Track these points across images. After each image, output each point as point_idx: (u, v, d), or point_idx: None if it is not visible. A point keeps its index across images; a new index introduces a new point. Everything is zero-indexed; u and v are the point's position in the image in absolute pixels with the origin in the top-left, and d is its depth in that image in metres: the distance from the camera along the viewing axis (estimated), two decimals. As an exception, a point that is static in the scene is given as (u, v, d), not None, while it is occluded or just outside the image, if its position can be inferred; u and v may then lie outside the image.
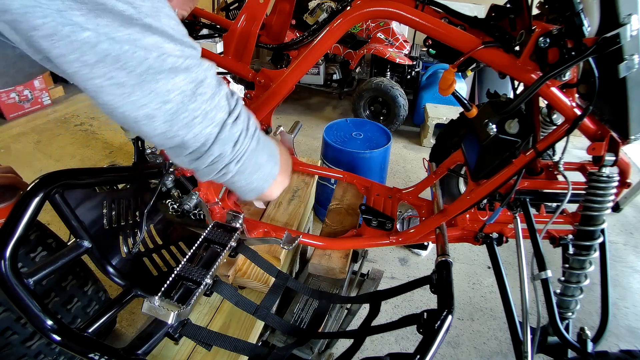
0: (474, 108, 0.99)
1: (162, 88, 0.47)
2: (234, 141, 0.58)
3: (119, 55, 0.43)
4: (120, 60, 0.43)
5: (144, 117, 0.48)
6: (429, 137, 3.44)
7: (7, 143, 3.19)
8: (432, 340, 0.77)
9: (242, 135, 0.59)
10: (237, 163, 0.60)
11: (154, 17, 0.45)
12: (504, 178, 0.94)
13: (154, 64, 0.46)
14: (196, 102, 0.51)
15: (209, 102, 0.53)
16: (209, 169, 0.59)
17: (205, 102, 0.52)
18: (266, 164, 0.68)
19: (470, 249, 2.31)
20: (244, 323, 1.15)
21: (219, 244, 0.98)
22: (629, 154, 3.01)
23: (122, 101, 0.46)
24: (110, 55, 0.43)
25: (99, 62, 0.43)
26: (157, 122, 0.49)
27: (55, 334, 0.77)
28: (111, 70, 0.44)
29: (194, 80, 0.50)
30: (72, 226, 1.00)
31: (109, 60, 0.43)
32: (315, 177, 1.68)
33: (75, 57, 0.42)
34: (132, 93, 0.46)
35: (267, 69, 1.24)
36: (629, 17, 0.70)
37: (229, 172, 0.60)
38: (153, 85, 0.46)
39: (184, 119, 0.51)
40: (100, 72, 0.43)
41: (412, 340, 1.75)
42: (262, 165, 0.67)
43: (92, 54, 0.42)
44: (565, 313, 1.04)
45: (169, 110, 0.49)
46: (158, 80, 0.47)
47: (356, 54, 3.68)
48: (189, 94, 0.50)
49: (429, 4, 0.98)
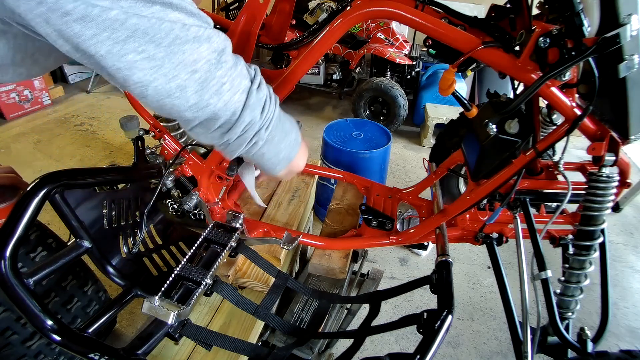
0: (474, 108, 0.99)
1: (189, 58, 0.49)
2: (262, 107, 0.59)
3: (147, 28, 0.45)
4: (149, 33, 0.46)
5: (176, 89, 0.50)
6: (429, 137, 3.44)
7: (7, 143, 3.19)
8: (432, 340, 0.77)
9: (267, 100, 0.60)
10: (267, 129, 0.61)
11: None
12: (504, 178, 0.94)
13: (180, 34, 0.48)
14: (222, 69, 0.53)
15: (234, 69, 0.55)
16: (241, 139, 0.60)
17: (230, 69, 0.54)
18: (291, 131, 0.69)
19: (470, 249, 2.31)
20: (244, 323, 1.15)
21: (219, 244, 0.98)
22: (629, 154, 3.01)
23: (154, 74, 0.48)
24: (139, 30, 0.45)
25: (129, 37, 0.45)
26: (189, 92, 0.51)
27: (55, 334, 0.77)
28: (141, 44, 0.46)
29: (217, 50, 0.52)
30: (72, 226, 1.00)
31: (139, 34, 0.45)
32: (315, 177, 1.68)
33: (107, 35, 0.44)
34: (162, 65, 0.48)
35: (267, 69, 1.24)
36: (629, 17, 0.70)
37: (260, 140, 0.61)
38: (180, 56, 0.49)
39: (213, 87, 0.53)
40: (132, 47, 0.46)
41: (412, 340, 1.74)
42: (289, 132, 0.68)
43: (122, 29, 0.44)
44: (565, 313, 1.04)
45: (198, 79, 0.51)
46: (184, 51, 0.49)
47: (356, 54, 3.68)
48: (214, 62, 0.52)
49: (429, 4, 0.98)
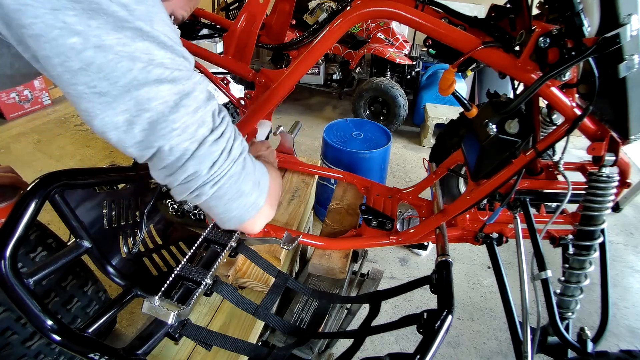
0: (474, 108, 0.99)
1: (144, 95, 0.46)
2: (212, 161, 0.54)
3: (102, 64, 0.42)
4: (104, 69, 0.42)
5: (124, 123, 0.47)
6: (429, 137, 3.44)
7: (7, 143, 3.19)
8: (432, 340, 0.77)
9: (222, 155, 0.55)
10: (214, 186, 0.56)
11: (147, 21, 0.44)
12: (504, 178, 0.94)
13: (139, 75, 0.44)
14: (178, 113, 0.49)
15: (192, 115, 0.50)
16: (182, 187, 0.55)
17: (187, 115, 0.49)
18: (251, 193, 0.62)
19: (470, 249, 2.31)
20: (244, 323, 1.15)
21: (219, 244, 0.98)
22: (629, 154, 3.01)
23: (102, 108, 0.45)
24: (94, 64, 0.42)
25: (82, 69, 0.42)
26: (137, 129, 0.47)
27: (55, 334, 0.77)
28: (94, 79, 0.43)
29: (180, 92, 0.49)
30: (72, 226, 0.99)
31: (93, 69, 0.42)
32: (315, 177, 1.68)
33: (60, 61, 0.41)
34: (112, 102, 0.45)
35: (267, 69, 1.24)
36: (629, 17, 0.70)
37: (204, 194, 0.56)
38: (135, 94, 0.45)
39: (163, 129, 0.48)
40: (83, 80, 0.43)
41: (412, 340, 1.74)
42: (246, 194, 0.61)
43: (76, 60, 0.41)
44: (565, 313, 1.04)
45: (148, 119, 0.47)
46: (140, 92, 0.45)
47: (356, 54, 3.68)
48: (172, 105, 0.48)
49: (429, 4, 0.98)
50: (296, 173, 1.66)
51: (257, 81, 1.25)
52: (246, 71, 1.29)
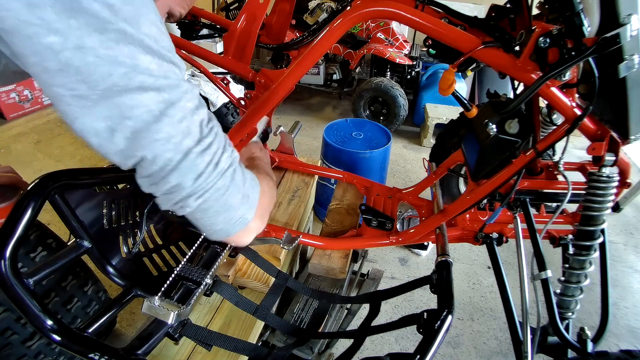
0: (474, 108, 0.99)
1: (127, 103, 0.43)
2: (197, 173, 0.51)
3: (81, 67, 0.39)
4: (82, 72, 0.40)
5: (105, 130, 0.44)
6: (429, 137, 3.44)
7: (7, 143, 3.19)
8: (432, 340, 0.77)
9: (208, 168, 0.52)
10: (198, 199, 0.53)
11: (133, 23, 0.41)
12: (504, 178, 0.94)
13: (119, 81, 0.42)
14: (162, 122, 0.46)
15: (177, 125, 0.47)
16: (166, 197, 0.53)
17: (172, 124, 0.47)
18: (238, 207, 0.60)
19: (470, 249, 2.31)
20: (244, 323, 1.15)
21: (219, 244, 0.98)
22: (629, 154, 3.01)
23: (82, 112, 0.43)
24: (72, 66, 0.39)
25: (60, 70, 0.39)
26: (118, 137, 0.45)
27: (55, 334, 0.77)
28: (72, 82, 0.40)
29: (166, 101, 0.46)
30: (72, 226, 0.99)
31: (71, 71, 0.39)
32: (315, 177, 1.68)
33: (36, 60, 0.39)
34: (92, 107, 0.42)
35: (267, 69, 1.24)
36: (629, 17, 0.70)
37: (187, 207, 0.54)
38: (117, 100, 0.43)
39: (145, 138, 0.46)
40: (61, 82, 0.40)
41: (412, 340, 1.74)
42: (233, 208, 0.59)
43: (54, 60, 0.38)
44: (565, 313, 1.04)
45: (131, 127, 0.45)
46: (121, 98, 0.43)
47: (356, 54, 3.68)
48: (156, 114, 0.45)
49: (429, 4, 0.98)
50: (296, 173, 1.66)
51: (257, 81, 1.25)
52: (246, 71, 1.29)
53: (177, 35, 1.47)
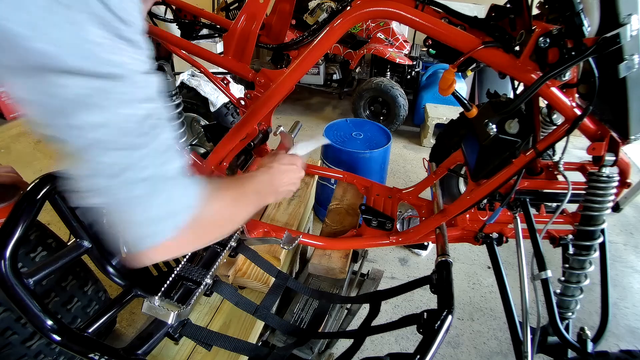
0: (474, 108, 0.99)
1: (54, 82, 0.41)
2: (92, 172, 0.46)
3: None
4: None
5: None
6: (429, 137, 3.44)
7: (7, 143, 3.19)
8: (432, 340, 0.77)
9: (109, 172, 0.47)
10: (95, 199, 0.47)
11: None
12: (504, 178, 0.94)
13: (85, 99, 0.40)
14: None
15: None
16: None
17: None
18: (146, 224, 0.52)
19: (470, 249, 2.31)
20: (244, 323, 1.15)
21: (219, 244, 0.98)
22: (629, 154, 3.01)
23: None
24: None
25: None
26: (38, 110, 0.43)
27: (55, 334, 0.77)
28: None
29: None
30: (72, 226, 1.00)
31: None
32: (315, 177, 1.68)
33: None
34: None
35: (267, 69, 1.24)
36: (629, 17, 0.70)
37: (83, 200, 0.48)
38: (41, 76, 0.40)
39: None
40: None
41: (412, 340, 1.74)
42: (137, 223, 0.51)
43: None
44: (565, 313, 1.04)
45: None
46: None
47: (356, 54, 3.68)
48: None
49: (429, 4, 0.98)
50: (296, 173, 1.66)
51: (257, 81, 1.25)
52: (246, 71, 1.29)
53: (177, 35, 1.47)
